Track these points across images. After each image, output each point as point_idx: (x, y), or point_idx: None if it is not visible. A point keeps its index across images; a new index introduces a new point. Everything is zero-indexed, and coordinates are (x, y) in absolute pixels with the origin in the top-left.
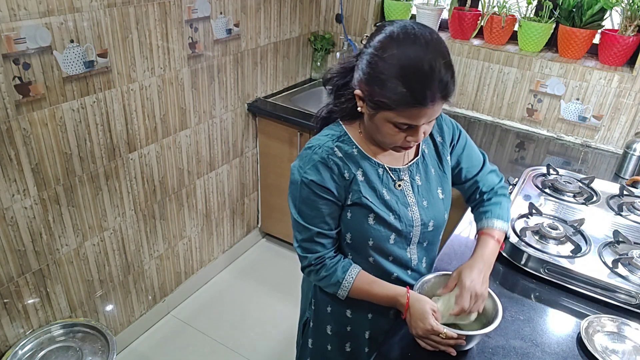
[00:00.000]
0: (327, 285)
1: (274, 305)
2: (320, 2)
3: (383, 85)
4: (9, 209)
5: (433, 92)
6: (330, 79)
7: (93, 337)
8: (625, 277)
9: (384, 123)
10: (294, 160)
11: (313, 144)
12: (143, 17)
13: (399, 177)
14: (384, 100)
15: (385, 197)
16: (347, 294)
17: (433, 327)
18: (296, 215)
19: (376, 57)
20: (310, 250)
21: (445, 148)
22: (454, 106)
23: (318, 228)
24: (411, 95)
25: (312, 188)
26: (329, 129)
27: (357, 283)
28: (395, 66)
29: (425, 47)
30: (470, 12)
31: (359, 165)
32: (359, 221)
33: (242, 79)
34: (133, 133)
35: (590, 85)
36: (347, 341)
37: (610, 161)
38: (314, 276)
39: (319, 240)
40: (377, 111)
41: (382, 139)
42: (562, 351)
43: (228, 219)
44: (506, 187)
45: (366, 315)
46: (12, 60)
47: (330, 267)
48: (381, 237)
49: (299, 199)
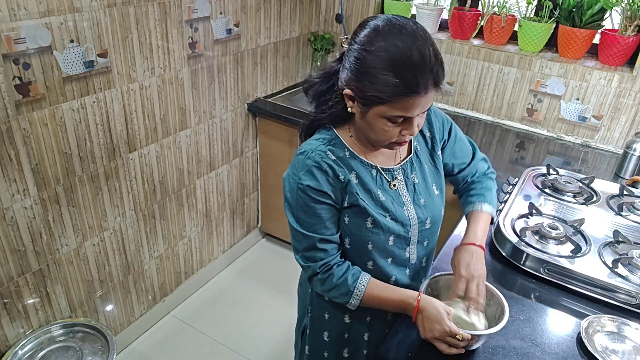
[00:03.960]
0: (337, 295)
1: (274, 305)
2: (320, 2)
3: (374, 78)
4: (9, 209)
5: (425, 79)
6: (312, 86)
7: (93, 337)
8: (625, 277)
9: (377, 119)
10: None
11: (305, 149)
12: (143, 17)
13: (392, 177)
14: (376, 95)
15: (381, 198)
16: (359, 303)
17: (450, 328)
18: (295, 224)
19: (364, 51)
20: (314, 259)
21: (436, 143)
22: (454, 106)
23: (319, 234)
24: (404, 85)
25: (308, 193)
26: (320, 134)
27: (369, 291)
28: (384, 58)
29: (412, 36)
30: (470, 12)
31: (352, 168)
32: (357, 225)
33: (242, 79)
34: (133, 133)
35: (590, 85)
36: (345, 347)
37: (610, 161)
38: (320, 287)
39: (321, 246)
40: (370, 107)
41: (376, 137)
42: (562, 351)
43: (228, 219)
44: (494, 172)
45: (365, 319)
46: (12, 60)
47: (339, 277)
48: (380, 240)
49: (295, 207)
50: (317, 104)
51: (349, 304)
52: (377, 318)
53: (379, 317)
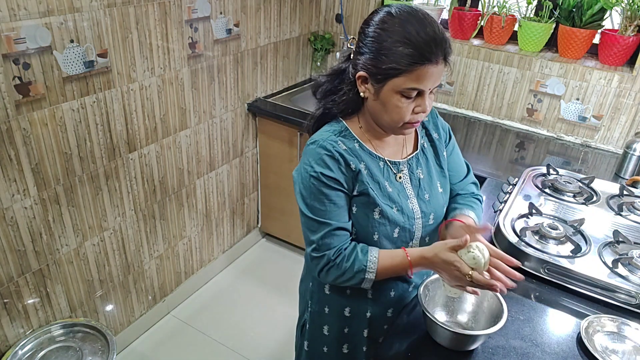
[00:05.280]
0: (352, 275)
1: (274, 305)
2: (320, 2)
3: (389, 51)
4: (9, 209)
5: (437, 50)
6: (320, 86)
7: (93, 337)
8: (625, 277)
9: (391, 95)
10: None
11: (316, 138)
12: (143, 17)
13: (398, 170)
14: (391, 66)
15: (388, 189)
16: (375, 277)
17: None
18: (309, 213)
19: (379, 29)
20: (329, 246)
21: (442, 144)
22: (454, 106)
23: (335, 221)
24: (419, 53)
25: (322, 180)
26: (330, 125)
27: (382, 262)
28: (399, 32)
29: (423, 16)
30: (470, 12)
31: (361, 158)
32: (365, 215)
33: (242, 79)
34: (133, 133)
35: (590, 85)
36: (344, 343)
37: (610, 161)
38: (334, 272)
39: (337, 233)
40: (384, 83)
41: (390, 117)
42: (562, 351)
43: (228, 219)
44: (482, 197)
45: (365, 315)
46: (12, 60)
47: (350, 256)
48: (386, 231)
49: (309, 196)
50: (326, 99)
51: (365, 281)
52: (377, 314)
53: (379, 314)
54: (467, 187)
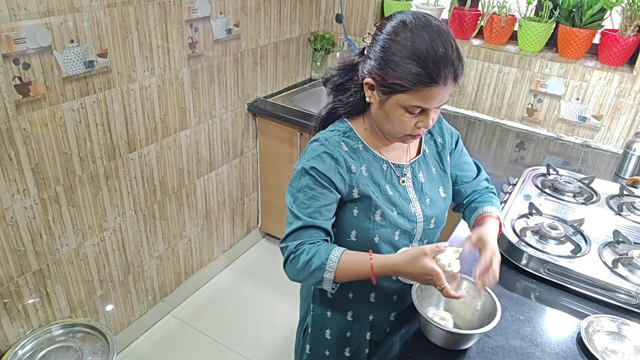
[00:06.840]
0: (311, 272)
1: (274, 305)
2: (320, 2)
3: (397, 66)
4: (9, 209)
5: (446, 71)
6: (332, 78)
7: (93, 337)
8: (625, 277)
9: (395, 109)
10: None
11: (319, 137)
12: (143, 17)
13: (402, 173)
14: (398, 82)
15: (389, 192)
16: (334, 277)
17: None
18: (291, 204)
19: (390, 40)
20: (294, 239)
21: (446, 149)
22: (454, 106)
23: (312, 219)
24: (426, 74)
25: (312, 174)
26: (335, 125)
27: (343, 263)
28: (409, 48)
29: (437, 30)
30: (470, 12)
31: (364, 160)
32: (365, 218)
33: (242, 79)
34: (133, 133)
35: (590, 85)
36: (346, 346)
37: (610, 161)
38: (290, 265)
39: (310, 230)
40: (390, 96)
41: (392, 128)
42: (562, 351)
43: (228, 219)
44: (494, 190)
45: (367, 318)
46: (12, 60)
47: (310, 251)
48: (386, 233)
49: (297, 188)
50: (335, 95)
51: (324, 281)
52: (380, 317)
53: (382, 316)
54: (481, 183)
